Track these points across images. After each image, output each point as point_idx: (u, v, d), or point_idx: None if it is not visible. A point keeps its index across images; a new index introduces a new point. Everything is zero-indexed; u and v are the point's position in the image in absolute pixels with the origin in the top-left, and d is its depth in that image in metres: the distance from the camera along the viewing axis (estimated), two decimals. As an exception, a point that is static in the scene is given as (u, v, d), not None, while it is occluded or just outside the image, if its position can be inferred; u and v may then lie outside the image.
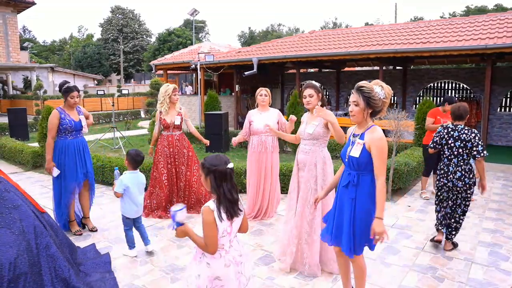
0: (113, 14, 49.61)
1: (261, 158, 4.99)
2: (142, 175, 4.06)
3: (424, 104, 8.38)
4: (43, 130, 7.92)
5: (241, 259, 2.33)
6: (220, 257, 2.22)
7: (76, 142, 4.53)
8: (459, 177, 4.01)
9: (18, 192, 3.01)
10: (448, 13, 45.41)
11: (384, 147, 2.56)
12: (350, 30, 14.42)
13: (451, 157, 4.07)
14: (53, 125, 4.38)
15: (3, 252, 2.57)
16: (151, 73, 33.39)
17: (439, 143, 4.17)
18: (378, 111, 2.63)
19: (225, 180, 2.18)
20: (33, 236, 2.79)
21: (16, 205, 2.81)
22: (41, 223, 2.92)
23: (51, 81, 28.09)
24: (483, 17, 11.31)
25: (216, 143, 9.67)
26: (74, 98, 4.47)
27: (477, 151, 3.88)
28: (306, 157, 3.64)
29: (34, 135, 10.65)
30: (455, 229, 4.19)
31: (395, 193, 6.30)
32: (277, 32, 59.67)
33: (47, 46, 59.82)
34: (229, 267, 2.23)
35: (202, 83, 14.61)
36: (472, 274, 3.65)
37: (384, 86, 2.62)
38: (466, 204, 4.12)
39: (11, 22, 18.98)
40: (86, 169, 4.61)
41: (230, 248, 2.27)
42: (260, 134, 4.98)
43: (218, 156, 2.27)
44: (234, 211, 2.19)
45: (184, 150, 5.28)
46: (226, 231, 2.19)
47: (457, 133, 4.03)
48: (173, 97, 5.14)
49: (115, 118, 16.46)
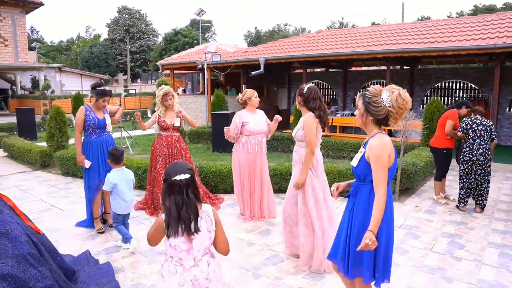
0: (120, 14, 49.88)
1: (257, 158, 4.98)
2: (129, 171, 4.17)
3: (432, 104, 8.32)
4: (51, 130, 7.98)
5: (207, 283, 2.07)
6: (175, 274, 2.03)
7: (99, 141, 4.73)
8: (481, 153, 5.28)
9: (13, 213, 2.75)
10: (456, 13, 45.00)
11: (381, 155, 2.32)
12: (357, 30, 14.37)
13: (475, 138, 5.32)
14: (79, 121, 4.65)
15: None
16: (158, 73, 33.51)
17: (466, 128, 5.40)
18: (383, 119, 2.41)
19: (174, 193, 1.97)
20: (28, 266, 2.50)
21: (8, 231, 2.52)
22: (37, 249, 2.66)
23: (58, 81, 28.31)
24: (492, 16, 11.21)
25: (223, 143, 9.67)
26: (106, 102, 4.73)
27: (495, 134, 5.37)
28: (295, 156, 3.89)
29: (42, 135, 10.74)
30: (480, 195, 5.40)
31: (403, 194, 6.26)
32: (284, 32, 59.57)
33: (54, 46, 60.30)
34: (182, 286, 2.02)
35: (209, 83, 14.64)
36: (481, 276, 3.62)
37: (394, 93, 2.38)
38: (487, 174, 5.35)
39: (19, 23, 19.15)
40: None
41: (193, 268, 2.04)
42: (257, 135, 4.98)
43: (176, 164, 2.06)
44: (183, 229, 1.97)
45: (182, 152, 5.31)
46: (180, 247, 2.00)
47: (479, 121, 5.35)
48: (165, 102, 5.13)
49: (122, 118, 16.53)
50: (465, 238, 4.53)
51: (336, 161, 7.84)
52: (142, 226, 4.88)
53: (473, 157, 5.30)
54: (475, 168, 5.33)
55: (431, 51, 9.43)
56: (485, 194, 5.42)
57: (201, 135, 11.89)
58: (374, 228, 2.30)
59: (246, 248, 4.21)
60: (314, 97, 3.69)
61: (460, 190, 5.53)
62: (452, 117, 5.73)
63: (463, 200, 5.49)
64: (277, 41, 15.84)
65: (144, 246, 4.19)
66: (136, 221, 5.03)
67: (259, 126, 4.98)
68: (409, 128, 6.01)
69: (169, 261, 2.07)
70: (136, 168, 6.50)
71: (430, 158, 7.06)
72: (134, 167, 6.53)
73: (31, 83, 24.71)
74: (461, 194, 5.51)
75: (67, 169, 7.55)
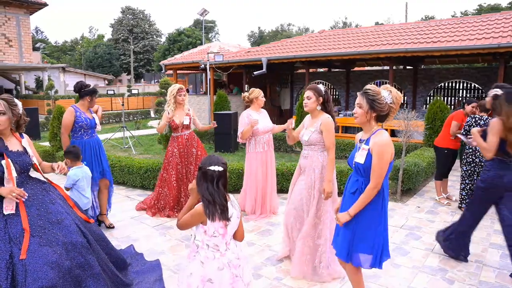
0: (123, 15, 50.02)
1: (267, 157, 5.10)
2: (87, 168, 4.14)
3: (435, 104, 8.28)
4: (54, 130, 8.02)
5: (239, 262, 2.31)
6: (214, 259, 2.21)
7: (91, 141, 4.62)
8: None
9: (65, 203, 2.87)
10: (460, 12, 44.76)
11: (384, 152, 2.50)
12: (360, 30, 14.32)
13: None
14: (69, 122, 4.46)
15: (45, 273, 2.42)
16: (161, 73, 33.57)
17: (468, 130, 5.21)
18: (384, 115, 2.59)
19: (207, 181, 2.20)
20: (76, 254, 2.64)
21: (60, 219, 2.68)
22: (86, 238, 2.77)
23: (62, 81, 28.41)
24: (496, 16, 11.14)
25: (225, 143, 9.69)
26: (95, 100, 4.67)
27: None
28: (305, 161, 3.62)
29: (46, 135, 10.79)
30: None
31: (405, 194, 6.24)
32: (287, 31, 59.50)
33: (59, 46, 60.57)
34: (222, 270, 2.21)
35: (212, 83, 14.65)
36: (483, 277, 3.60)
37: (393, 91, 2.58)
38: None
39: (24, 24, 19.23)
40: (102, 167, 4.69)
41: (227, 251, 2.26)
42: (264, 134, 5.07)
43: (212, 156, 2.29)
44: (225, 215, 2.19)
45: (193, 150, 5.29)
46: (218, 231, 2.20)
47: (483, 122, 5.07)
48: (178, 97, 5.13)
49: (125, 118, 16.59)
50: (467, 239, 4.50)
51: (338, 161, 7.81)
52: (142, 226, 4.88)
53: (476, 159, 5.29)
54: (477, 170, 5.30)
55: (434, 51, 9.39)
56: None
57: (203, 135, 11.88)
58: (353, 212, 2.58)
59: (246, 248, 4.21)
60: (330, 98, 3.62)
61: (461, 191, 5.51)
62: (457, 118, 5.71)
63: (465, 200, 5.47)
64: (279, 41, 15.83)
65: (143, 246, 4.20)
66: (137, 221, 5.04)
67: (266, 125, 5.10)
68: (411, 128, 5.99)
69: (205, 248, 2.23)
70: (137, 168, 6.52)
71: (432, 158, 7.03)
72: (136, 167, 6.55)
73: (35, 83, 24.81)
74: (462, 195, 5.50)
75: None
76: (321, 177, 3.53)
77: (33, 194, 2.68)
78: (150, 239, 4.43)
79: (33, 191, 2.70)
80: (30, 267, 2.40)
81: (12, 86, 24.60)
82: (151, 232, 4.69)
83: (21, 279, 2.36)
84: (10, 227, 2.49)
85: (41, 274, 2.41)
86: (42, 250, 2.48)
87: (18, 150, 2.73)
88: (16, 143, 2.75)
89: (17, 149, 2.72)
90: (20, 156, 2.70)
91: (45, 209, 2.66)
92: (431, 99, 12.88)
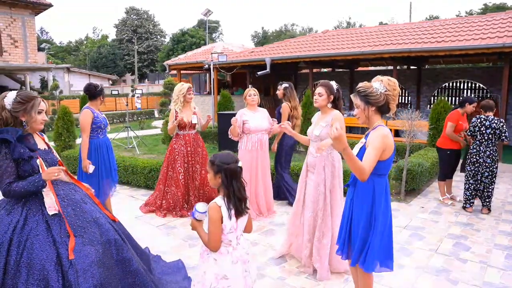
0: (127, 15, 50.20)
1: (257, 156, 5.03)
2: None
3: (439, 104, 8.25)
4: (58, 129, 8.06)
5: (248, 257, 2.35)
6: (227, 254, 2.24)
7: (105, 140, 4.72)
8: (488, 155, 5.26)
9: (93, 202, 2.82)
10: (465, 11, 44.56)
11: (379, 144, 2.41)
12: (363, 30, 14.29)
13: (482, 140, 5.27)
14: (88, 124, 4.52)
15: (93, 272, 2.41)
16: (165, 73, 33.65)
17: (473, 131, 5.32)
18: (383, 106, 2.53)
19: (235, 178, 2.24)
20: (115, 252, 2.63)
21: (95, 218, 2.63)
22: (119, 236, 2.74)
23: (66, 81, 28.57)
24: (501, 15, 11.07)
25: (229, 143, 9.65)
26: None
27: (505, 136, 5.22)
28: (315, 159, 3.57)
29: (50, 135, 10.84)
30: (487, 197, 5.36)
31: (409, 194, 6.22)
32: (291, 32, 59.46)
33: (63, 47, 60.87)
34: (236, 264, 2.24)
35: (215, 83, 14.67)
36: (487, 278, 3.58)
37: (383, 79, 2.54)
38: (493, 175, 5.30)
39: (29, 24, 19.34)
40: (115, 166, 4.80)
41: (238, 246, 2.30)
42: (257, 133, 5.02)
43: (228, 154, 2.31)
44: (242, 209, 2.24)
45: (199, 149, 5.33)
46: (233, 227, 2.24)
47: (488, 122, 5.20)
48: (188, 96, 5.18)
49: (129, 118, 16.65)
50: (471, 239, 4.49)
51: (342, 161, 7.80)
52: (147, 226, 4.90)
53: (480, 159, 5.29)
54: (481, 170, 5.30)
55: (439, 50, 9.35)
56: (492, 195, 5.40)
57: (207, 135, 11.91)
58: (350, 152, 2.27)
59: (249, 247, 4.21)
60: (341, 96, 3.61)
61: (465, 191, 5.50)
62: (452, 118, 5.65)
63: (469, 201, 5.45)
64: (283, 41, 15.81)
65: (147, 246, 4.21)
66: (140, 221, 5.06)
67: (259, 124, 5.01)
68: (415, 128, 5.97)
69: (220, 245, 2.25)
70: (142, 168, 6.54)
71: (436, 158, 7.00)
72: (140, 167, 6.57)
73: (40, 84, 24.95)
74: (466, 195, 5.48)
75: (74, 169, 7.61)
76: (332, 175, 3.53)
77: (66, 195, 2.61)
78: (154, 239, 4.45)
79: (65, 192, 2.63)
80: (79, 266, 2.39)
81: (17, 86, 24.76)
82: (155, 231, 4.70)
83: (73, 279, 2.34)
84: (53, 228, 2.45)
85: (90, 273, 2.41)
86: (85, 249, 2.47)
87: (44, 148, 2.66)
88: (40, 141, 2.67)
89: (44, 147, 2.65)
90: (48, 154, 2.64)
91: (80, 209, 2.61)
92: (435, 99, 12.83)
